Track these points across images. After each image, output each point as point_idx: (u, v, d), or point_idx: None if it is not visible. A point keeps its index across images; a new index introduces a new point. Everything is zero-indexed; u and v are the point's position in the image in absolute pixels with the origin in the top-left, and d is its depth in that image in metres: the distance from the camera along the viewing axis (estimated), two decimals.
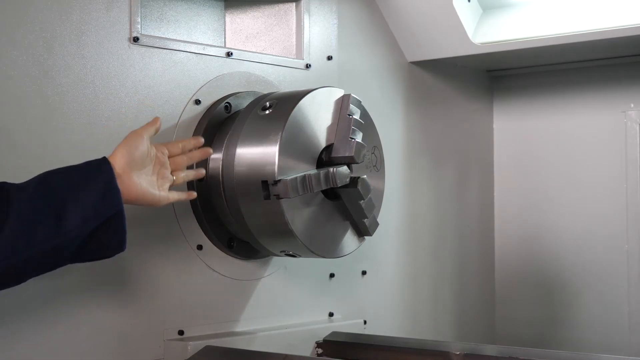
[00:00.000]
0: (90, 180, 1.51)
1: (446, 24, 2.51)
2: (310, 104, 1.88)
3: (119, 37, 1.85)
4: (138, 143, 1.61)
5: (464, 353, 1.91)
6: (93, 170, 1.53)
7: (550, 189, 2.85)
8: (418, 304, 2.64)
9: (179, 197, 1.73)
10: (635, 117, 2.68)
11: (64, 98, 1.75)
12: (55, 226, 1.45)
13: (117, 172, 1.55)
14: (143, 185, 1.61)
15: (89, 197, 1.49)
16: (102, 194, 1.51)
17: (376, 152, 2.04)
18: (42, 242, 1.44)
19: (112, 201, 1.52)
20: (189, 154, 1.78)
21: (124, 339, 1.84)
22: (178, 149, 1.75)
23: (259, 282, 2.11)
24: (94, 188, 1.50)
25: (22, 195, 1.45)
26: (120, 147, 1.60)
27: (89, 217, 1.48)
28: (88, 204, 1.48)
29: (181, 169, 1.75)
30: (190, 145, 1.79)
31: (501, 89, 2.97)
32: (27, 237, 1.42)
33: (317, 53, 2.29)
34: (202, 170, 1.83)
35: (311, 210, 1.88)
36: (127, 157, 1.58)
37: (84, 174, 1.52)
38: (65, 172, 1.52)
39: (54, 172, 1.52)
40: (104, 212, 1.50)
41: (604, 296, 2.73)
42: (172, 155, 1.73)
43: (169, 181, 1.69)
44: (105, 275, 1.80)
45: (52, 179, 1.50)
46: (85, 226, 1.48)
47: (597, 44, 2.41)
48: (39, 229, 1.44)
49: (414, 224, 2.63)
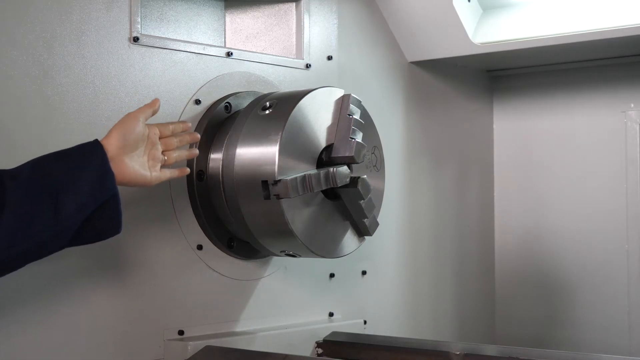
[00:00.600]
0: (84, 164, 1.51)
1: (446, 24, 2.51)
2: (310, 104, 1.88)
3: (119, 37, 1.85)
4: (134, 126, 1.61)
5: (464, 353, 1.91)
6: (86, 155, 1.53)
7: (550, 189, 2.85)
8: (418, 304, 2.64)
9: (171, 175, 1.73)
10: (635, 117, 2.68)
11: (64, 98, 1.75)
12: (52, 215, 1.45)
13: (110, 155, 1.55)
14: (135, 167, 1.61)
15: (84, 183, 1.49)
16: (96, 179, 1.50)
17: (376, 152, 2.04)
18: (39, 232, 1.44)
19: (107, 185, 1.52)
20: (179, 136, 1.78)
21: (124, 339, 1.84)
22: (168, 131, 1.75)
23: (259, 282, 2.11)
24: (88, 173, 1.50)
25: (16, 184, 1.44)
26: (115, 129, 1.59)
27: (84, 203, 1.48)
28: (83, 190, 1.48)
29: (171, 149, 1.75)
30: (180, 128, 1.78)
31: (501, 89, 2.97)
32: (24, 229, 1.42)
33: (317, 53, 2.29)
34: (196, 150, 1.84)
35: (311, 210, 1.88)
36: (122, 139, 1.58)
37: (77, 159, 1.51)
38: (59, 158, 1.51)
39: (46, 157, 1.51)
40: (99, 197, 1.50)
41: (604, 296, 2.73)
42: (162, 136, 1.73)
43: (159, 161, 1.69)
44: (105, 275, 1.80)
45: (45, 165, 1.49)
46: (82, 212, 1.48)
47: (597, 44, 2.41)
48: (35, 219, 1.43)
49: (414, 224, 2.63)
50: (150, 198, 1.88)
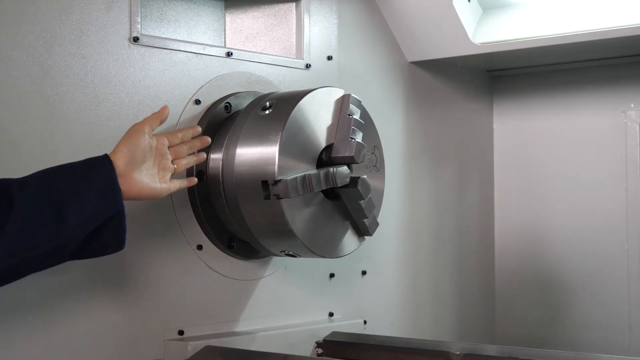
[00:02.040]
0: (91, 180, 1.50)
1: (446, 24, 2.51)
2: (310, 104, 1.88)
3: (119, 37, 1.85)
4: (139, 140, 1.60)
5: (464, 353, 1.91)
6: (94, 170, 1.52)
7: (550, 189, 2.85)
8: (418, 304, 2.64)
9: (180, 186, 1.73)
10: (635, 117, 2.68)
11: (64, 98, 1.75)
12: (56, 227, 1.45)
13: (119, 171, 1.54)
14: (145, 181, 1.60)
15: (90, 198, 1.48)
16: (103, 194, 1.50)
17: (376, 152, 2.04)
18: (43, 243, 1.44)
19: (113, 201, 1.51)
20: (189, 143, 1.77)
21: (124, 339, 1.84)
22: (177, 139, 1.74)
23: (259, 282, 2.11)
24: (95, 188, 1.50)
25: (24, 195, 1.44)
26: (122, 144, 1.58)
27: (89, 218, 1.48)
28: (89, 205, 1.48)
29: (181, 157, 1.74)
30: (189, 134, 1.78)
31: (501, 89, 2.97)
32: (28, 239, 1.42)
33: (317, 53, 2.29)
34: (203, 155, 1.83)
35: (311, 210, 1.88)
36: (128, 155, 1.57)
37: (85, 173, 1.51)
38: (67, 171, 1.51)
39: (55, 169, 1.51)
40: (104, 213, 1.50)
41: (604, 296, 2.73)
42: (171, 145, 1.72)
43: (170, 171, 1.69)
44: (105, 276, 1.80)
45: (53, 177, 1.49)
46: (86, 226, 1.48)
47: (597, 44, 2.41)
48: (40, 230, 1.43)
49: (414, 224, 2.63)
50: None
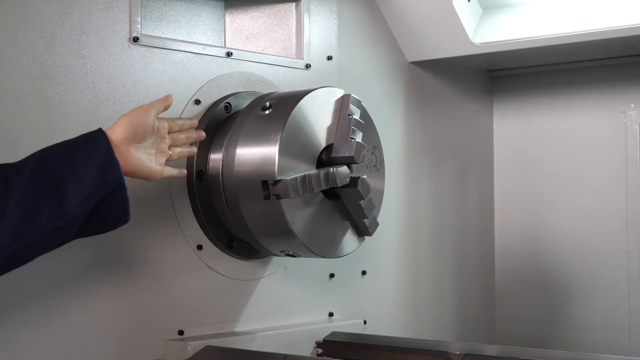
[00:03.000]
0: (87, 155, 1.49)
1: (446, 24, 2.51)
2: (310, 104, 1.88)
3: (119, 37, 1.85)
4: (143, 118, 1.60)
5: (464, 353, 1.91)
6: (89, 145, 1.51)
7: (550, 189, 2.85)
8: (418, 304, 2.64)
9: (171, 174, 1.72)
10: (635, 117, 2.68)
11: (64, 98, 1.75)
12: (57, 207, 1.44)
13: (115, 143, 1.54)
14: (142, 158, 1.60)
15: (88, 174, 1.47)
16: (100, 169, 1.49)
17: (376, 152, 2.04)
18: (45, 224, 1.43)
19: (112, 175, 1.50)
20: (186, 132, 1.78)
21: (124, 339, 1.84)
22: (177, 126, 1.75)
23: (259, 282, 2.11)
24: (92, 163, 1.49)
25: (20, 178, 1.43)
26: (123, 119, 1.59)
27: (90, 194, 1.47)
28: (88, 181, 1.47)
29: (178, 145, 1.75)
30: (187, 125, 1.79)
31: (501, 89, 2.97)
32: (30, 222, 1.41)
33: (317, 53, 2.29)
34: (195, 149, 1.85)
35: (311, 210, 1.88)
36: (129, 130, 1.57)
37: (80, 149, 1.50)
38: (62, 149, 1.50)
39: (50, 149, 1.50)
40: (104, 187, 1.49)
41: (604, 296, 2.73)
42: (171, 131, 1.73)
43: (165, 156, 1.69)
44: (105, 275, 1.80)
45: (49, 157, 1.48)
46: (87, 203, 1.47)
47: (597, 44, 2.41)
48: (41, 212, 1.42)
49: (414, 224, 2.63)
50: (150, 198, 1.88)
